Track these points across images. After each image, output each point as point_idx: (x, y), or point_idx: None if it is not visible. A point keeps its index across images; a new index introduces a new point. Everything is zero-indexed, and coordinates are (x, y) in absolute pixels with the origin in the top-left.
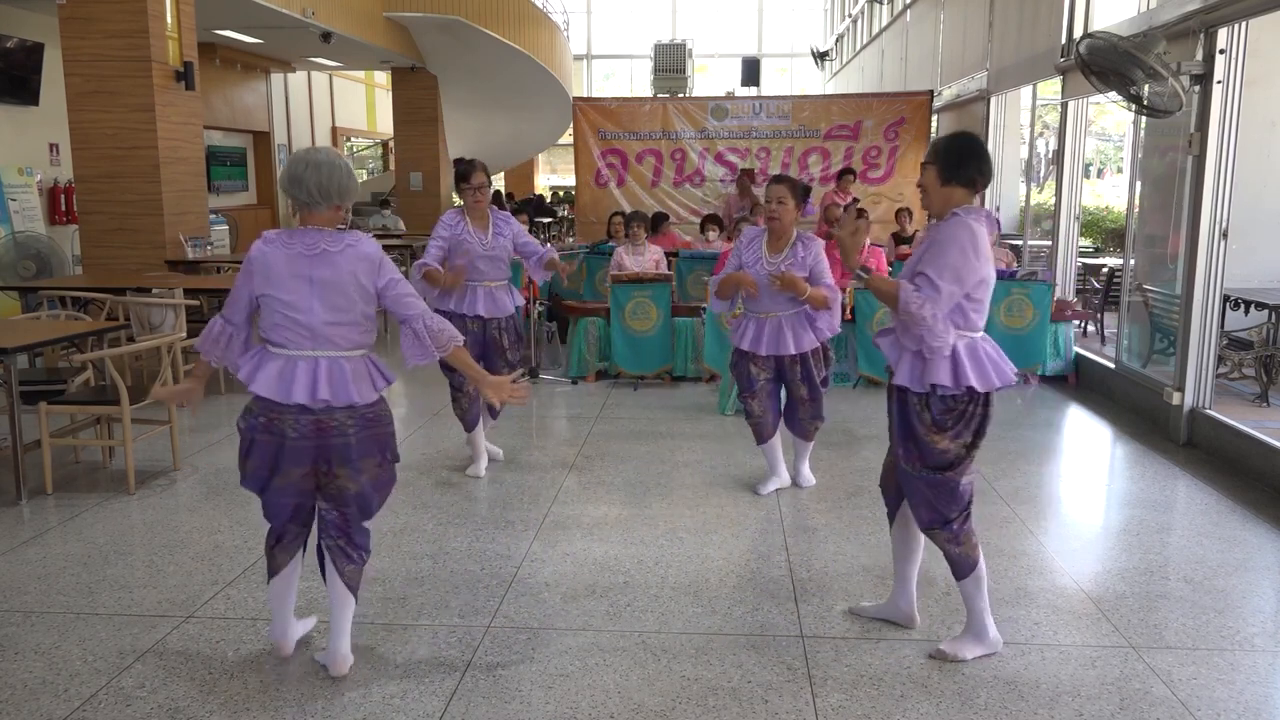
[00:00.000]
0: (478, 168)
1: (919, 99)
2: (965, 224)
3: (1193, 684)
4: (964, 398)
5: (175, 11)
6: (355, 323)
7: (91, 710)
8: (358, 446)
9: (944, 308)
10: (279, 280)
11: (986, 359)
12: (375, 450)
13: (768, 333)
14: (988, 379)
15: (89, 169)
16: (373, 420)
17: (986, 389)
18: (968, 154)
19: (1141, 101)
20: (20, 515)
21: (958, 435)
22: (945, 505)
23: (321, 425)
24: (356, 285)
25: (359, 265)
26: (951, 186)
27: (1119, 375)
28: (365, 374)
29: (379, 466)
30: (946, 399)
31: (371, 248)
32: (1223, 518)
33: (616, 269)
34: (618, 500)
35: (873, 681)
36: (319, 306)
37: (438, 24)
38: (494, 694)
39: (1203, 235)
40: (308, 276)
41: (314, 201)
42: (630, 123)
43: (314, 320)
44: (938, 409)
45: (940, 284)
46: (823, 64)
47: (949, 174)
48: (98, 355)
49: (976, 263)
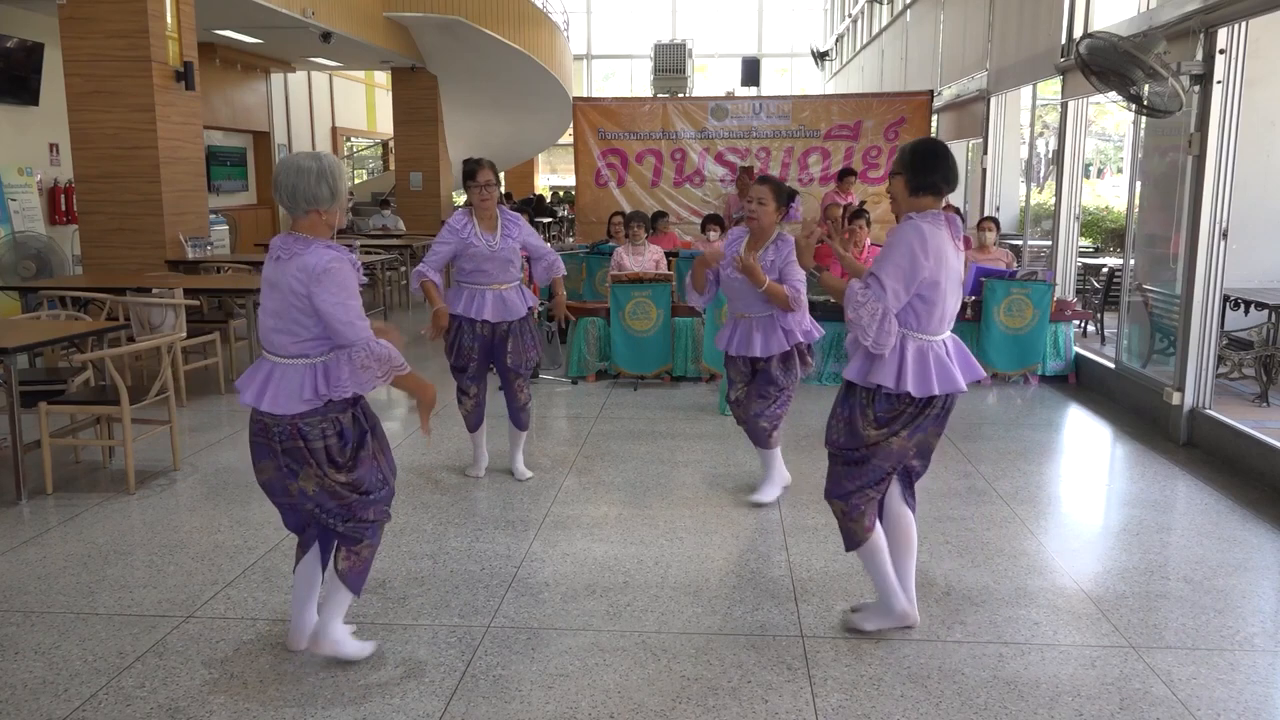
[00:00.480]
0: (484, 165)
1: (919, 99)
2: (914, 225)
3: (1193, 684)
4: (906, 399)
5: (175, 11)
6: (290, 331)
7: (91, 710)
8: (289, 454)
9: (888, 307)
10: (264, 282)
11: (934, 364)
12: (303, 461)
13: (739, 334)
14: (927, 385)
15: (89, 169)
16: (295, 434)
17: (922, 394)
18: (933, 162)
19: (1141, 101)
20: (20, 515)
21: (891, 430)
22: (851, 481)
23: (265, 429)
24: (293, 294)
25: (297, 275)
26: (920, 196)
27: (1119, 375)
28: (296, 385)
29: (320, 477)
30: (890, 398)
31: (314, 259)
32: (1223, 518)
33: (616, 269)
34: (618, 500)
35: (873, 681)
36: (267, 310)
37: (438, 24)
38: (494, 694)
39: (1203, 235)
40: (269, 280)
41: (291, 206)
42: (630, 123)
43: (264, 324)
44: (881, 407)
45: (886, 283)
46: (823, 64)
47: (916, 183)
48: (98, 355)
49: (925, 262)
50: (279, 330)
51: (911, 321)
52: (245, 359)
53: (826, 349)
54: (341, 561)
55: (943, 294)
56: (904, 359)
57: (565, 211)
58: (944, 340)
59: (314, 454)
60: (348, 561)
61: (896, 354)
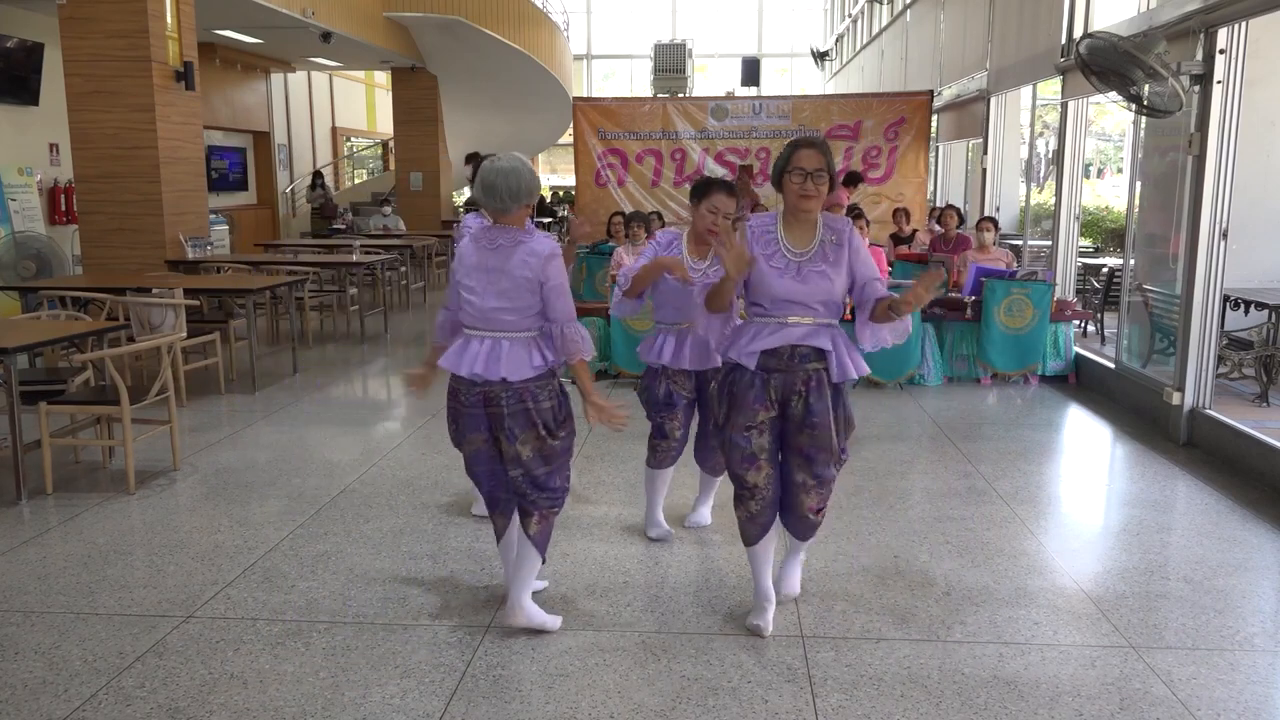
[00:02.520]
0: None
1: (919, 99)
2: None
3: (1193, 684)
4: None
5: (175, 11)
6: (519, 309)
7: (91, 710)
8: (511, 418)
9: None
10: (468, 270)
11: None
12: (528, 424)
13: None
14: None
15: (89, 169)
16: (528, 396)
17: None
18: None
19: (1141, 101)
20: (20, 515)
21: None
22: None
23: (485, 397)
24: (524, 276)
25: (528, 259)
26: None
27: (1119, 375)
28: (525, 355)
29: (539, 440)
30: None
31: (542, 245)
32: (1223, 518)
33: (615, 269)
34: (618, 500)
35: (873, 681)
36: (490, 292)
37: (438, 24)
38: (494, 694)
39: (1203, 235)
40: (489, 267)
41: (506, 206)
42: (630, 123)
43: (484, 305)
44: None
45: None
46: (823, 64)
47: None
48: (98, 355)
49: None
50: (506, 310)
51: None
52: (245, 359)
53: None
54: (533, 527)
55: None
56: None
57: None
58: None
59: (541, 414)
60: (539, 525)
61: None
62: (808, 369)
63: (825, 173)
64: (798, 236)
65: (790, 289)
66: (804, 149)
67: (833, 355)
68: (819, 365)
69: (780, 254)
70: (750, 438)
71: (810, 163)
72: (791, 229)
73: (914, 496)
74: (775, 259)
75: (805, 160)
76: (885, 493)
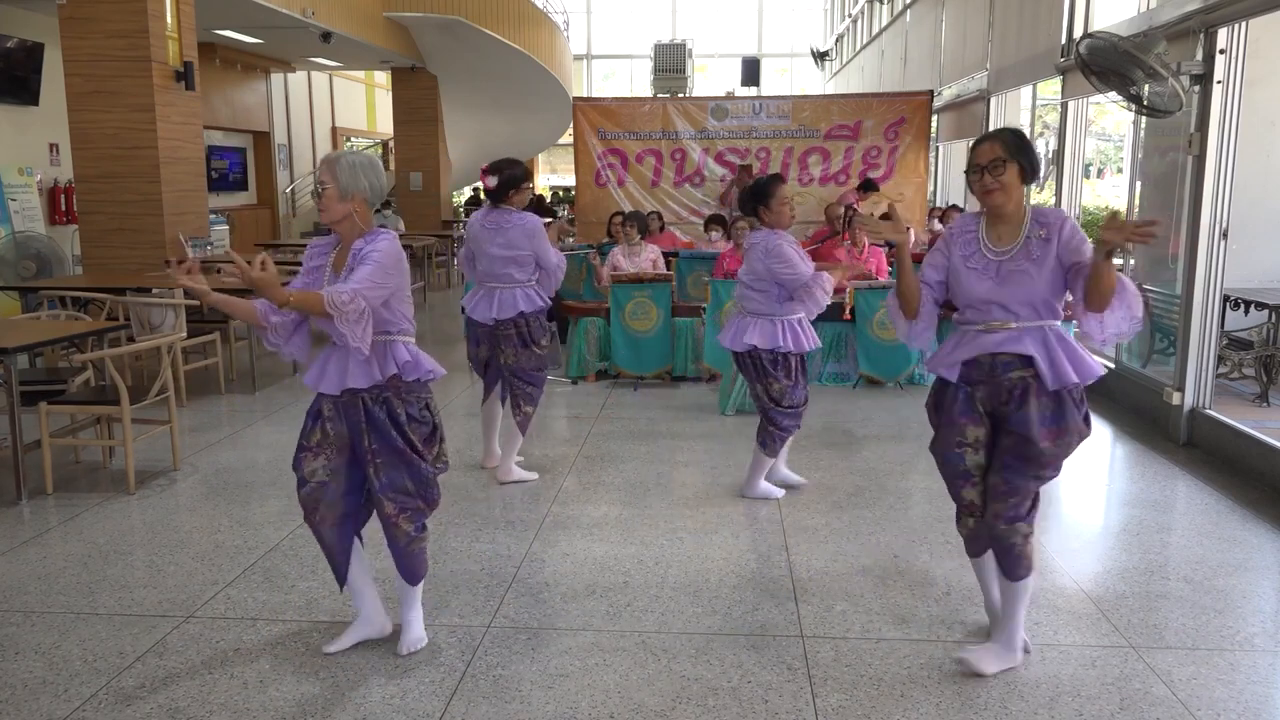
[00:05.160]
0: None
1: (919, 99)
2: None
3: (1193, 684)
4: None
5: (175, 11)
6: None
7: (91, 710)
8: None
9: None
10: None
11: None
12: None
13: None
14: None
15: (89, 169)
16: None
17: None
18: (1032, 148)
19: (1141, 101)
20: (20, 515)
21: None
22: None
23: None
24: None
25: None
26: (1029, 183)
27: (1119, 375)
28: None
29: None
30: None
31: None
32: (1223, 518)
33: (612, 270)
34: (618, 500)
35: (873, 681)
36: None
37: (438, 24)
38: (494, 694)
39: (1203, 235)
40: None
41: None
42: (630, 123)
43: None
44: (1083, 399)
45: None
46: (823, 64)
47: (1031, 166)
48: (98, 355)
49: None
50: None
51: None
52: (245, 359)
53: (826, 349)
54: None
55: None
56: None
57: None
58: None
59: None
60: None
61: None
62: (1012, 377)
63: (1007, 161)
64: (999, 234)
65: (989, 291)
66: (980, 143)
67: (1042, 360)
68: (1025, 373)
69: (979, 254)
70: (963, 455)
71: (984, 156)
72: (993, 227)
73: (914, 496)
74: (974, 259)
75: (980, 155)
76: (885, 493)
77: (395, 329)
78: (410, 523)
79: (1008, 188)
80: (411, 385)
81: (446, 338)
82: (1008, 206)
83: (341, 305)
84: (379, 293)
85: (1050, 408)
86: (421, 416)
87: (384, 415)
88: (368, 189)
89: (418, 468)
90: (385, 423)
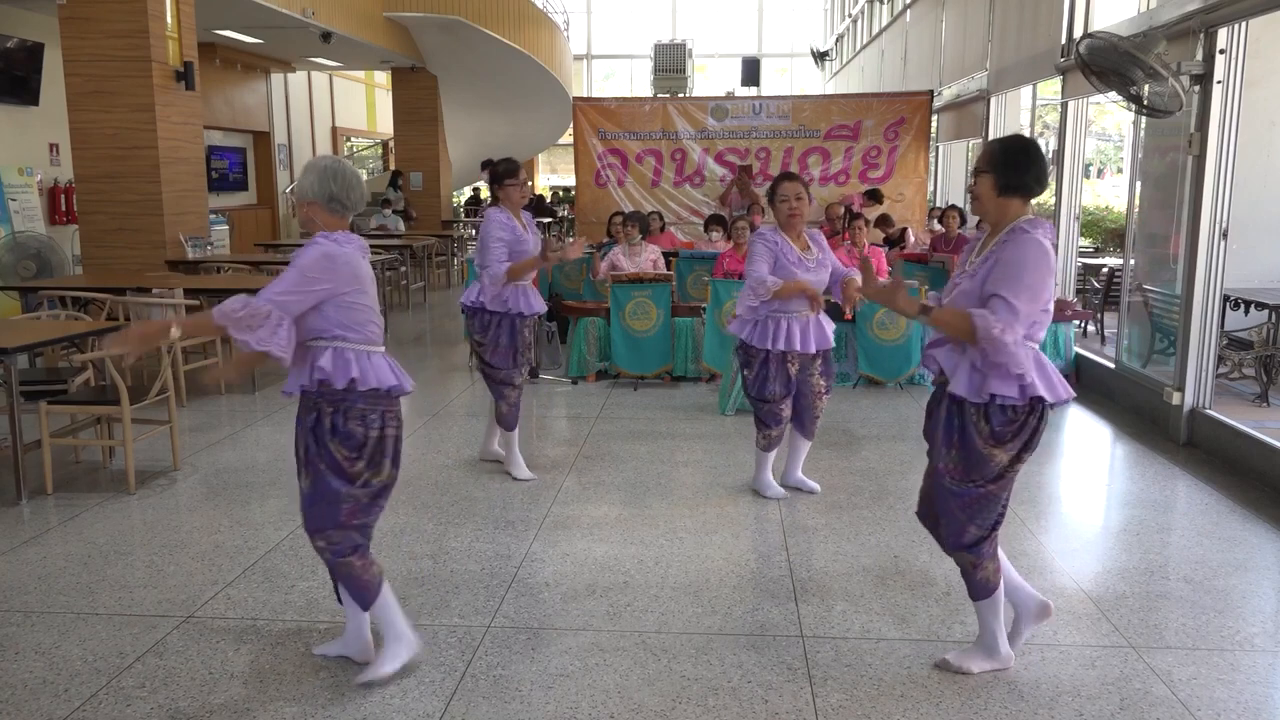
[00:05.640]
0: (519, 164)
1: (919, 99)
2: (1036, 242)
3: (1193, 684)
4: (1025, 409)
5: (175, 11)
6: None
7: (91, 710)
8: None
9: (1022, 330)
10: (366, 280)
11: (1049, 368)
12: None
13: (812, 329)
14: (1055, 390)
15: (89, 169)
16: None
17: (1055, 400)
18: (1025, 161)
19: (1141, 101)
20: (20, 515)
21: (1012, 448)
22: (982, 520)
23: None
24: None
25: None
26: (1008, 197)
27: (1119, 375)
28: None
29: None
30: (1008, 409)
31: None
32: (1223, 518)
33: (612, 269)
34: (618, 500)
35: (873, 681)
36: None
37: (438, 24)
38: (494, 694)
39: (1203, 235)
40: (369, 275)
41: (358, 207)
42: (630, 123)
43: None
44: (998, 420)
45: (1019, 306)
46: (823, 64)
47: (1006, 182)
48: (98, 355)
49: (1050, 279)
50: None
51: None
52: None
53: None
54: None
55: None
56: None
57: (565, 211)
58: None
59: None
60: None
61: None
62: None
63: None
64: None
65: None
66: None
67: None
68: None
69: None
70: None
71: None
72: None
73: (914, 496)
74: (962, 267)
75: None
76: (885, 493)
77: (328, 335)
78: (324, 541)
79: (981, 199)
80: (344, 395)
81: (447, 338)
82: (987, 217)
83: (230, 314)
84: (296, 298)
85: (958, 416)
86: (348, 430)
87: (311, 421)
88: (314, 192)
89: (318, 481)
90: (308, 430)
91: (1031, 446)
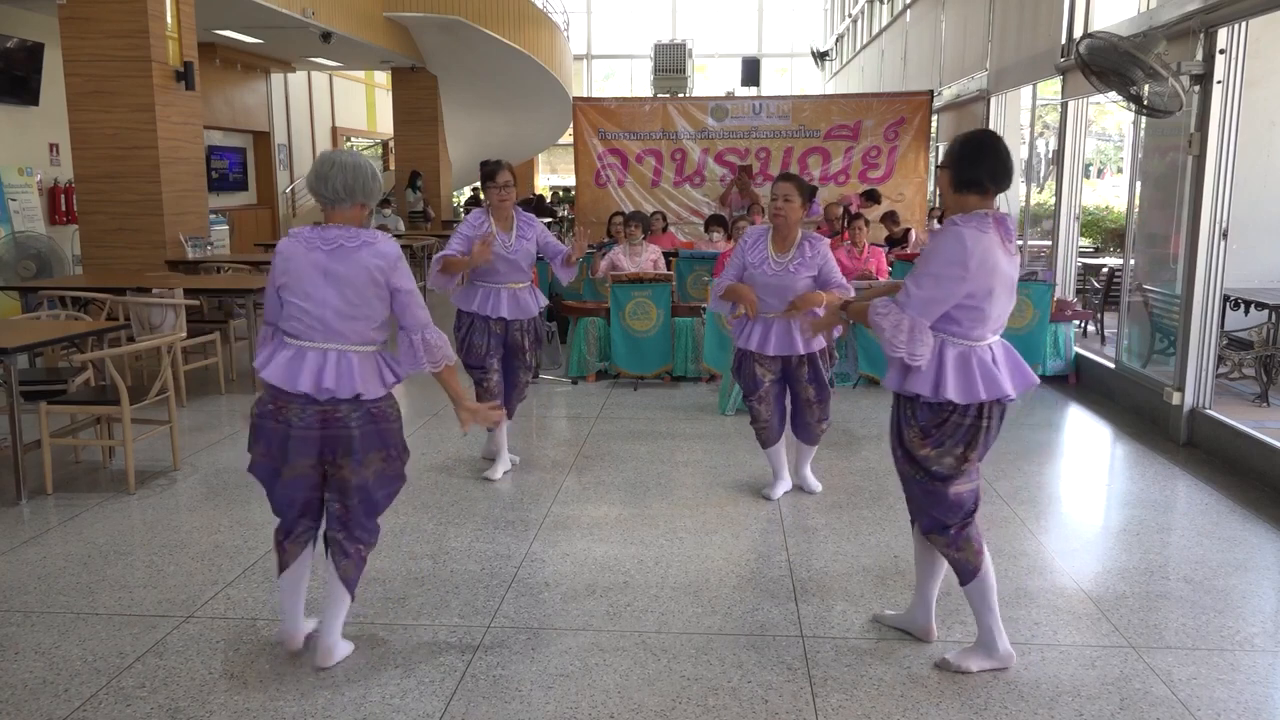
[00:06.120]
0: (504, 167)
1: (919, 99)
2: (956, 233)
3: (1193, 684)
4: (948, 408)
5: (175, 11)
6: (367, 317)
7: (91, 710)
8: (361, 440)
9: (919, 317)
10: (297, 273)
11: (978, 369)
12: (379, 444)
13: (775, 332)
14: (971, 392)
15: (89, 169)
16: (377, 415)
17: (967, 402)
18: (978, 155)
19: (1141, 101)
20: (20, 515)
21: (940, 444)
22: (941, 512)
23: (326, 417)
24: (373, 282)
25: (375, 262)
26: (963, 193)
27: (1119, 375)
28: (374, 369)
29: (384, 461)
30: (931, 406)
31: (390, 247)
32: (1223, 518)
33: (612, 269)
34: (618, 500)
35: (873, 681)
36: (331, 300)
37: (438, 24)
38: (494, 694)
39: (1203, 235)
40: (328, 271)
41: (338, 199)
42: (630, 123)
43: (322, 315)
44: (923, 416)
45: (913, 291)
46: (823, 64)
47: (960, 178)
48: (98, 355)
49: (966, 273)
50: (352, 317)
51: (952, 327)
52: (245, 359)
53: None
54: (350, 569)
55: (994, 299)
56: (943, 365)
57: (565, 211)
58: (989, 345)
59: (394, 434)
60: (356, 567)
61: (935, 360)
62: None
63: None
64: None
65: None
66: None
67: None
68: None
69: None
70: None
71: None
72: None
73: None
74: None
75: None
76: (885, 493)
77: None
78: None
79: (942, 194)
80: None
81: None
82: (949, 213)
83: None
84: (269, 290)
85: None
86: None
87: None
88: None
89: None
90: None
91: (976, 445)
